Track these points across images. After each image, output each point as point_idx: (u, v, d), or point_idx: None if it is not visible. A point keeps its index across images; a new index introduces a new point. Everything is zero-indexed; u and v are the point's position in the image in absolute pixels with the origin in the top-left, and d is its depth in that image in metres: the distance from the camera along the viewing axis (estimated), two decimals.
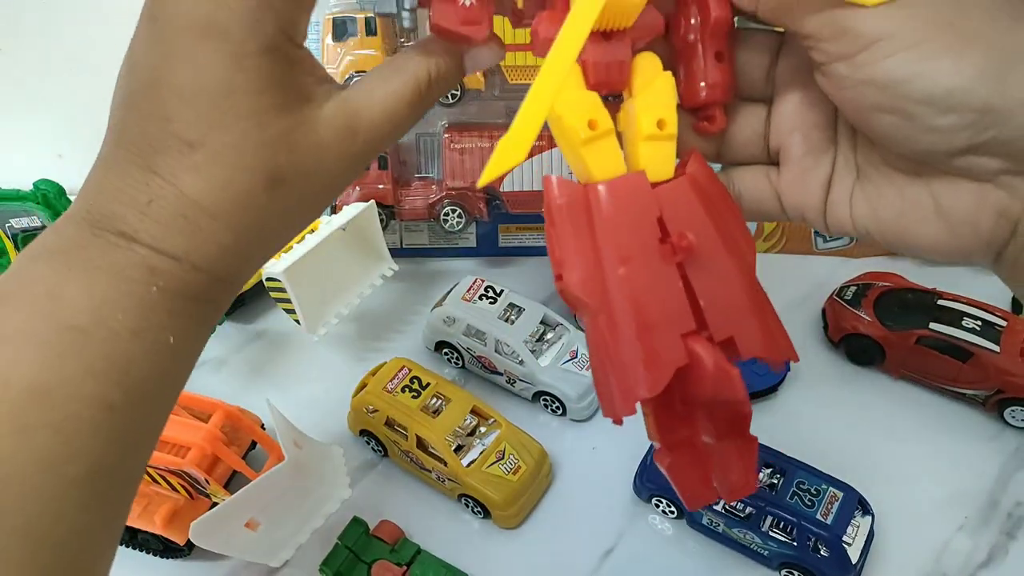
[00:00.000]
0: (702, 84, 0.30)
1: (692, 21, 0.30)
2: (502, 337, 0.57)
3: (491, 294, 0.60)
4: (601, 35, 0.28)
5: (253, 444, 0.53)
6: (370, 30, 0.63)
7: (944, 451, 0.55)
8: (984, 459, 0.55)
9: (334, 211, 0.67)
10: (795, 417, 0.57)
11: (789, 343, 0.30)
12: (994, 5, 0.25)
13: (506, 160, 0.26)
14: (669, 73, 0.30)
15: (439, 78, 0.29)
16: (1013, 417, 0.56)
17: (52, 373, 0.24)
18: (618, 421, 0.27)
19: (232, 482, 0.51)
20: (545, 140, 0.64)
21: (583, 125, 0.28)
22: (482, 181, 0.26)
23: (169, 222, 0.26)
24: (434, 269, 0.70)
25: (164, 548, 0.49)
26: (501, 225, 0.70)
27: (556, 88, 0.27)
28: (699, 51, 0.30)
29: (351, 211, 0.60)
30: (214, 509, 0.44)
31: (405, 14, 0.29)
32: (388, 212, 0.66)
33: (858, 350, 0.60)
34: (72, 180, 0.60)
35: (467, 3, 0.28)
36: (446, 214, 0.65)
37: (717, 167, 0.33)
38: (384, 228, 0.63)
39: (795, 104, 0.31)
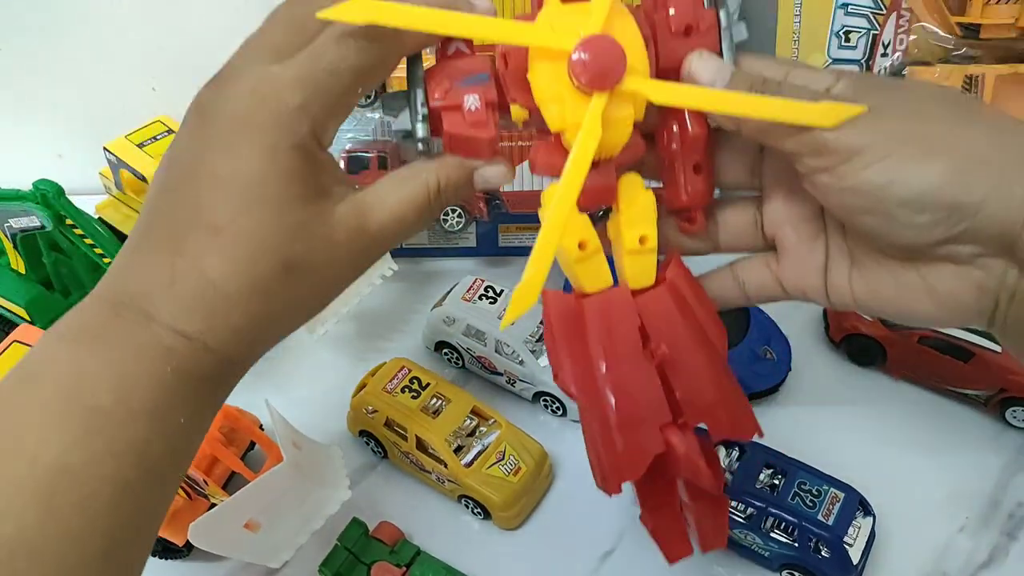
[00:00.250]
0: (683, 192, 0.34)
1: (673, 135, 0.33)
2: (502, 337, 0.57)
3: (491, 294, 0.60)
4: (591, 164, 0.31)
5: (252, 445, 0.53)
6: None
7: (945, 452, 0.55)
8: (985, 460, 0.54)
9: None
10: (796, 417, 0.57)
11: (751, 420, 0.35)
12: (950, 113, 0.29)
13: (522, 305, 0.31)
14: (651, 192, 0.33)
15: (447, 187, 0.32)
16: (1014, 417, 0.56)
17: (76, 453, 0.26)
18: (609, 494, 0.33)
19: (231, 483, 0.51)
20: None
21: (575, 247, 0.32)
22: (503, 326, 0.32)
23: (189, 303, 0.28)
24: (434, 269, 0.69)
25: (163, 549, 0.49)
26: (501, 225, 0.69)
27: (559, 238, 0.31)
28: (679, 162, 0.34)
29: None
30: (213, 510, 0.44)
31: (419, 145, 0.32)
32: None
33: (859, 350, 0.60)
34: (72, 180, 0.60)
35: (472, 108, 0.31)
36: (446, 214, 0.65)
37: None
38: None
39: (783, 199, 0.34)
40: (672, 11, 0.32)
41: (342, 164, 0.67)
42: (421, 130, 0.31)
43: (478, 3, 0.31)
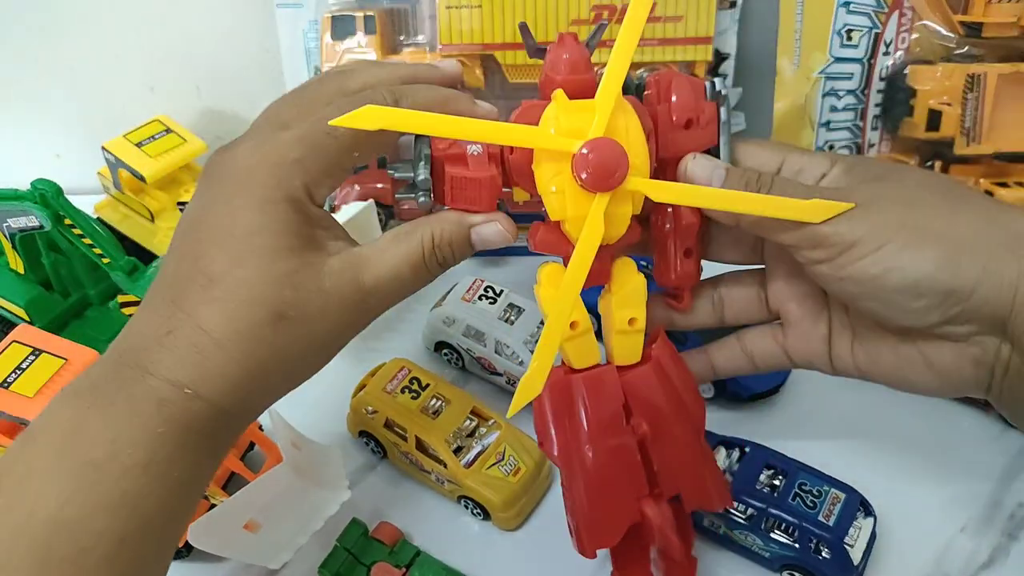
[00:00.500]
0: (673, 273, 0.37)
1: (667, 219, 0.35)
2: (502, 338, 0.56)
3: (491, 294, 0.60)
4: None
5: (251, 445, 0.53)
6: (369, 29, 0.62)
7: (946, 452, 0.55)
8: (986, 460, 0.54)
9: (332, 211, 0.67)
10: (797, 418, 0.57)
11: (723, 492, 0.38)
12: (939, 200, 0.31)
13: (529, 393, 0.33)
14: (642, 276, 0.35)
15: (442, 243, 0.33)
16: None
17: (71, 508, 0.26)
18: (587, 557, 0.37)
19: (230, 483, 0.51)
20: None
21: (567, 326, 0.34)
22: (510, 414, 0.33)
23: (182, 353, 0.28)
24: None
25: None
26: None
27: (564, 329, 0.33)
28: (671, 246, 0.36)
29: (350, 211, 0.60)
30: (212, 510, 0.44)
31: (420, 196, 0.34)
32: (387, 212, 0.66)
33: None
34: (70, 180, 0.60)
35: (474, 152, 0.33)
36: None
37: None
38: (383, 227, 0.63)
39: (785, 277, 0.37)
40: (674, 100, 0.33)
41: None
42: (423, 172, 0.32)
43: (481, 107, 0.33)
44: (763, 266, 0.38)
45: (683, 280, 0.37)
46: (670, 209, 0.35)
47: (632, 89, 0.35)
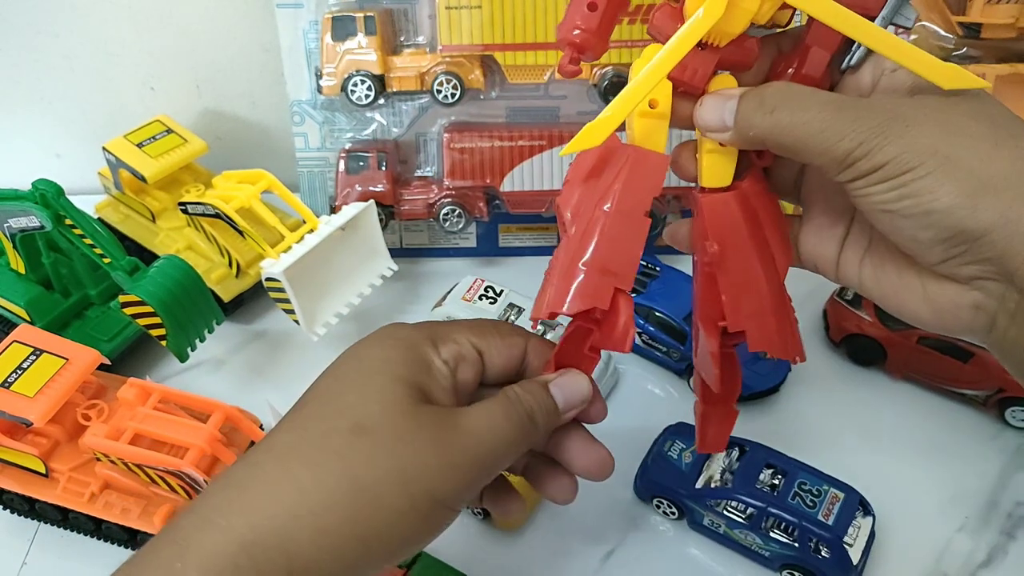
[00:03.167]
0: None
1: (789, 70, 0.34)
2: None
3: (491, 294, 0.60)
4: (697, 43, 0.31)
5: (252, 444, 0.53)
6: (369, 29, 0.62)
7: (945, 451, 0.55)
8: (985, 459, 0.55)
9: (333, 211, 0.67)
10: (796, 418, 0.57)
11: (798, 345, 0.35)
12: (979, 130, 0.29)
13: (589, 140, 0.31)
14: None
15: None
16: (1013, 417, 0.56)
17: None
18: (535, 321, 0.35)
19: None
20: (545, 140, 0.64)
21: (645, 101, 0.32)
22: (563, 153, 0.34)
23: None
24: (434, 269, 0.69)
25: None
26: (501, 225, 0.69)
27: (647, 92, 0.32)
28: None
29: (350, 211, 0.60)
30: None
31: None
32: (387, 212, 0.66)
33: (859, 350, 0.60)
34: (71, 180, 0.60)
35: None
36: (446, 214, 0.65)
37: None
38: (384, 228, 0.63)
39: (821, 173, 0.34)
40: None
41: (342, 164, 0.67)
42: None
43: None
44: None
45: None
46: (791, 69, 0.34)
47: None
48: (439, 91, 0.64)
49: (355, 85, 0.64)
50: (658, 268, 0.62)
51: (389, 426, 0.30)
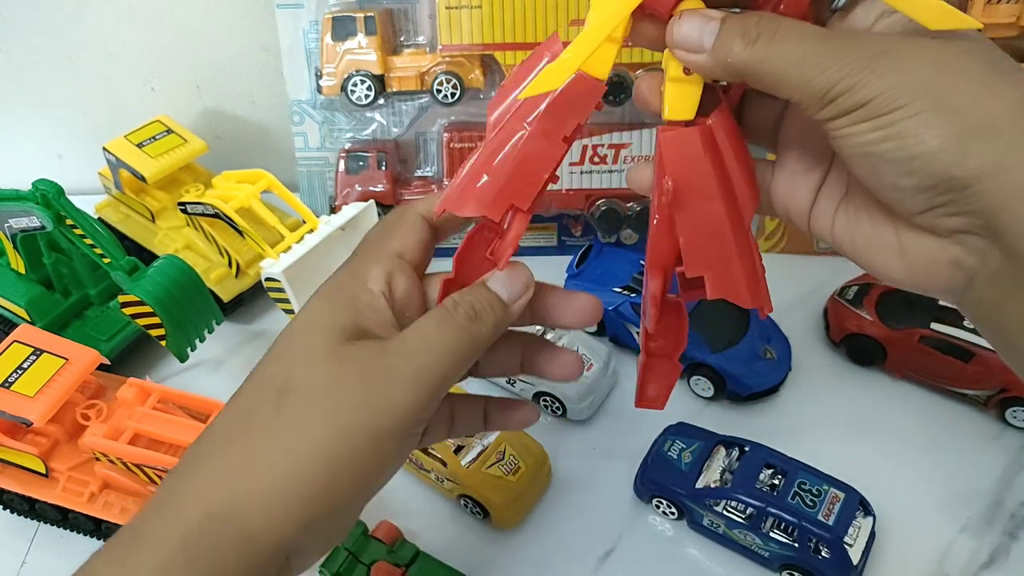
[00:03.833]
0: None
1: (768, 5, 0.31)
2: None
3: None
4: None
5: None
6: (369, 29, 0.62)
7: (946, 451, 0.55)
8: (986, 460, 0.54)
9: (333, 211, 0.67)
10: (796, 417, 0.57)
11: (762, 294, 0.32)
12: (977, 70, 0.26)
13: (548, 83, 0.30)
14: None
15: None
16: (1015, 417, 0.56)
17: None
18: (436, 216, 0.33)
19: None
20: None
21: (608, 30, 0.30)
22: (522, 96, 0.30)
23: None
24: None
25: None
26: None
27: (603, 34, 0.30)
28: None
29: (350, 211, 0.60)
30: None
31: None
32: (387, 212, 0.66)
33: (859, 350, 0.60)
34: (71, 180, 0.60)
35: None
36: None
37: None
38: None
39: (801, 116, 0.32)
40: None
41: (341, 164, 0.67)
42: None
43: None
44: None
45: None
46: None
47: None
48: (439, 91, 0.64)
49: (355, 85, 0.64)
50: None
51: (312, 378, 0.30)
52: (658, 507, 0.51)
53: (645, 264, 0.34)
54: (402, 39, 0.65)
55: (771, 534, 0.47)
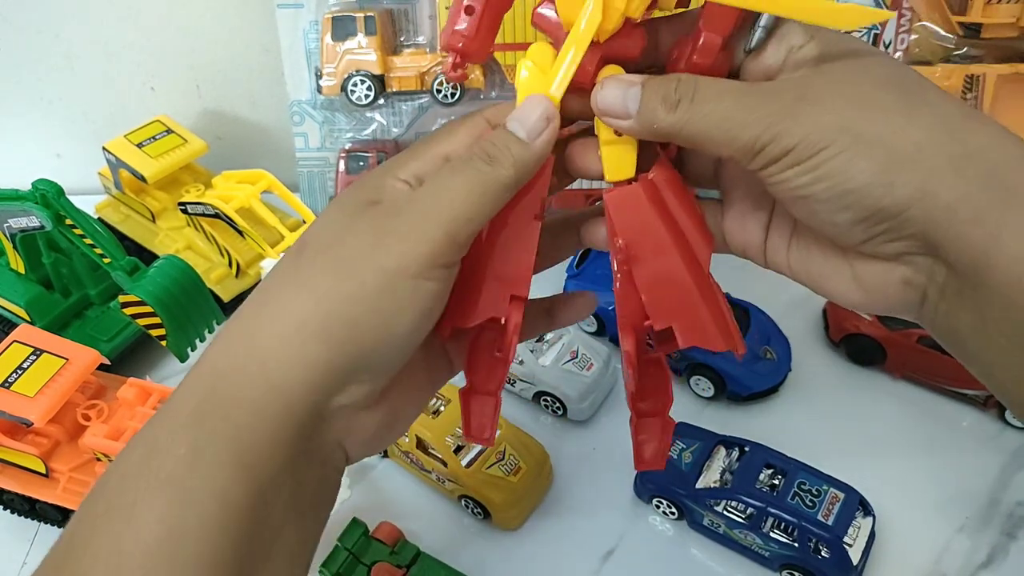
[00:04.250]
0: None
1: (684, 58, 0.32)
2: None
3: None
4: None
5: None
6: (369, 29, 0.62)
7: (945, 451, 0.55)
8: (985, 459, 0.54)
9: None
10: (796, 417, 0.57)
11: (732, 335, 0.32)
12: (890, 101, 0.28)
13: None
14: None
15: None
16: (1014, 417, 0.56)
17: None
18: (443, 339, 0.33)
19: None
20: None
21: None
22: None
23: None
24: None
25: None
26: None
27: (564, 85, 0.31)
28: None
29: None
30: None
31: None
32: None
33: (859, 350, 0.60)
34: (71, 180, 0.60)
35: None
36: None
37: None
38: None
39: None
40: None
41: (342, 164, 0.67)
42: None
43: None
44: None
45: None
46: (684, 60, 0.32)
47: None
48: (439, 91, 0.64)
49: (355, 85, 0.64)
50: None
51: (325, 232, 0.30)
52: (658, 507, 0.52)
53: (617, 326, 0.34)
54: (402, 39, 0.65)
55: (771, 534, 0.47)
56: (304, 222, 0.61)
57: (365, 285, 0.28)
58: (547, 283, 0.36)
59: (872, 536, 0.48)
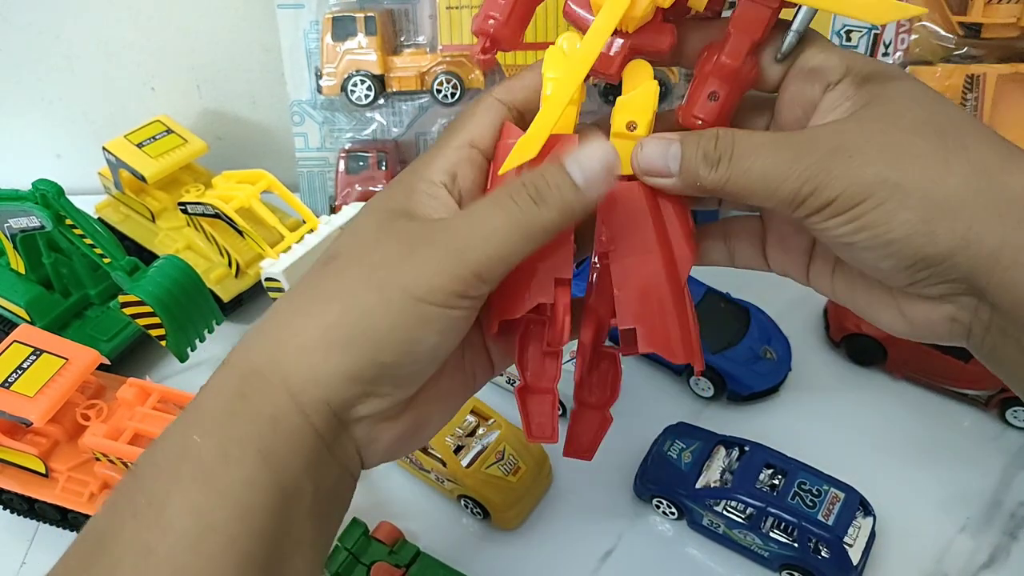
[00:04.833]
0: (694, 113, 0.33)
1: (712, 59, 0.32)
2: None
3: None
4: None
5: None
6: (370, 29, 0.62)
7: (946, 452, 0.55)
8: (986, 460, 0.54)
9: (333, 211, 0.67)
10: (796, 417, 0.57)
11: (693, 351, 0.32)
12: (926, 148, 0.28)
13: (523, 155, 0.30)
14: (655, 82, 0.32)
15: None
16: (1015, 417, 0.56)
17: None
18: (485, 337, 0.34)
19: None
20: None
21: (568, 97, 0.31)
22: (502, 171, 0.31)
23: None
24: None
25: None
26: None
27: (566, 101, 0.31)
28: (703, 84, 0.33)
29: (351, 211, 0.60)
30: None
31: None
32: None
33: (859, 350, 0.60)
34: (71, 180, 0.60)
35: None
36: None
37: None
38: None
39: None
40: None
41: (341, 164, 0.67)
42: None
43: None
44: None
45: (696, 123, 0.33)
46: (714, 59, 0.32)
47: None
48: (439, 91, 0.64)
49: (355, 85, 0.64)
50: None
51: (356, 244, 0.31)
52: (658, 507, 0.51)
53: (583, 314, 0.34)
54: (402, 39, 0.65)
55: (771, 534, 0.47)
56: (304, 222, 0.61)
57: (391, 303, 0.29)
58: None
59: (872, 536, 0.48)
